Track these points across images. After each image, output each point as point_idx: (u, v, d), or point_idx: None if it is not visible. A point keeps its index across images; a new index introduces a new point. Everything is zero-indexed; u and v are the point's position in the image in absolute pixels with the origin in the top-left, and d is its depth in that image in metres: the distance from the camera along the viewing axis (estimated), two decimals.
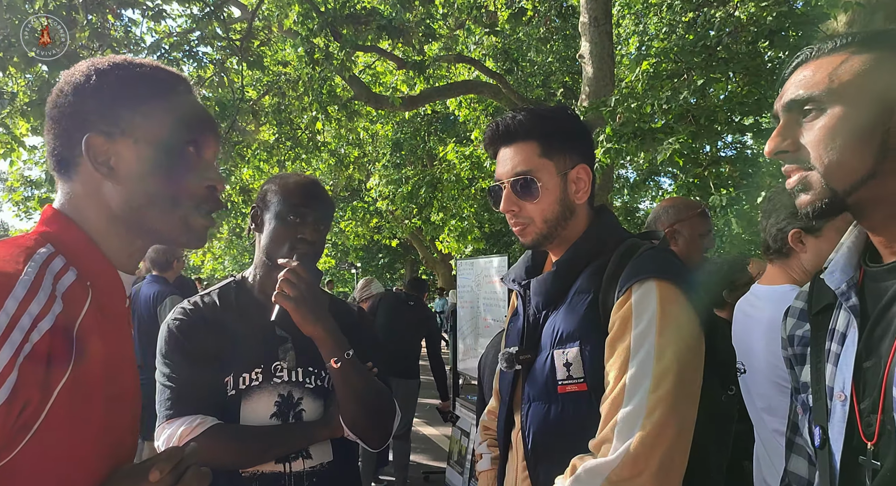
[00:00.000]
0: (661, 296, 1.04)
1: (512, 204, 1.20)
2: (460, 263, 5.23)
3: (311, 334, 1.31)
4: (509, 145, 1.22)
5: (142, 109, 0.83)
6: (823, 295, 0.90)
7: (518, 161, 1.19)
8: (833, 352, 0.85)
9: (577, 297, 1.15)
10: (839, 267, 0.86)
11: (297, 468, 1.34)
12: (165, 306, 3.69)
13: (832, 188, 0.78)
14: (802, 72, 0.82)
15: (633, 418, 0.97)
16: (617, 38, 9.24)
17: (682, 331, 1.03)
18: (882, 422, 0.74)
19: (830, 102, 0.77)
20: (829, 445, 0.81)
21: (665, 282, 1.05)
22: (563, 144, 1.20)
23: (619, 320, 1.05)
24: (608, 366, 1.05)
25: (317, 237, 1.41)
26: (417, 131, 12.92)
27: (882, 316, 0.78)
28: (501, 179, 1.22)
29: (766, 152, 0.84)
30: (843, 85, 0.77)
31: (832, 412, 0.82)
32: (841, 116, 0.77)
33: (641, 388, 0.98)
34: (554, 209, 1.19)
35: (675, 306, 1.04)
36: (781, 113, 0.84)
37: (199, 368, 1.32)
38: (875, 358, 0.77)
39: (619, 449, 0.96)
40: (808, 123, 0.80)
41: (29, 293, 0.68)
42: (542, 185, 1.17)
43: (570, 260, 1.19)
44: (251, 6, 8.18)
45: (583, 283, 1.16)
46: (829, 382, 0.84)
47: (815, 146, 0.78)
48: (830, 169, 0.77)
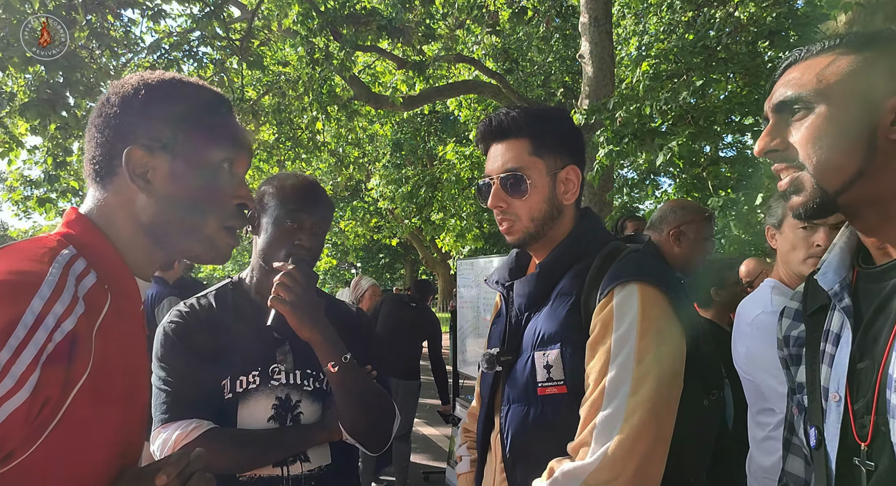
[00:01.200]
0: (643, 299, 1.03)
1: (500, 200, 1.19)
2: (460, 263, 5.23)
3: (308, 338, 1.30)
4: (501, 142, 1.21)
5: (184, 127, 0.85)
6: (818, 296, 0.90)
7: (509, 158, 1.18)
8: (828, 353, 0.85)
9: (559, 299, 1.15)
10: (832, 268, 0.86)
11: (294, 471, 1.32)
12: (163, 307, 3.66)
13: (823, 188, 0.78)
14: (791, 73, 0.83)
15: (611, 421, 0.97)
16: (617, 37, 9.24)
17: (663, 335, 1.02)
18: (875, 424, 0.74)
19: (818, 102, 0.78)
20: (824, 445, 0.81)
21: (647, 285, 1.05)
22: (555, 144, 1.20)
23: (601, 322, 1.05)
24: (588, 369, 1.05)
25: (314, 243, 1.39)
26: (417, 131, 12.93)
27: (875, 318, 0.78)
28: (491, 174, 1.21)
29: (756, 152, 0.85)
30: (830, 85, 0.78)
31: (827, 413, 0.82)
32: (828, 115, 0.77)
33: (621, 392, 0.98)
34: (541, 208, 1.18)
35: (656, 309, 1.03)
36: (771, 114, 0.84)
37: (195, 371, 1.31)
38: (869, 360, 0.77)
39: (597, 452, 0.96)
40: (796, 122, 0.80)
41: (54, 294, 0.69)
42: (532, 182, 1.17)
43: (554, 262, 1.19)
44: (251, 6, 8.18)
45: (565, 285, 1.16)
46: (825, 383, 0.83)
47: (803, 145, 0.79)
48: (819, 168, 0.78)
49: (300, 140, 10.39)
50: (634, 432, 0.96)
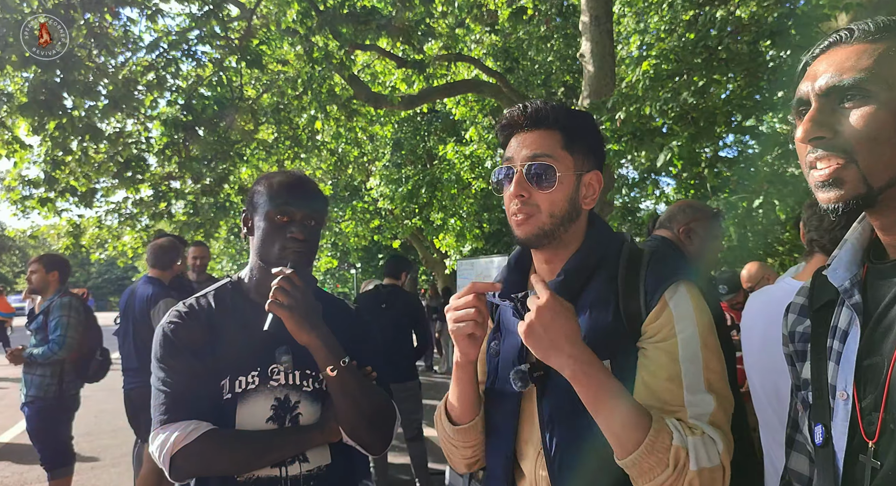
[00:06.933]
0: (692, 297, 1.07)
1: (523, 188, 1.11)
2: (460, 262, 5.22)
3: (306, 343, 1.28)
4: (533, 130, 1.14)
5: None
6: (825, 291, 0.89)
7: (539, 145, 1.12)
8: (835, 350, 0.83)
9: (595, 307, 1.10)
10: (843, 264, 0.84)
11: (293, 472, 1.32)
12: (159, 308, 3.63)
13: (869, 183, 0.73)
14: (839, 54, 0.77)
15: (701, 403, 1.00)
16: (617, 36, 9.22)
17: (712, 327, 1.07)
18: (884, 421, 0.72)
19: (878, 91, 0.72)
20: (831, 443, 0.79)
21: (689, 282, 1.09)
22: (585, 145, 1.15)
23: (662, 327, 1.05)
24: (654, 370, 1.04)
25: (308, 235, 1.36)
26: (417, 131, 12.91)
27: (885, 314, 0.76)
28: (514, 162, 1.13)
29: (799, 138, 0.78)
30: (891, 73, 0.72)
31: (835, 411, 0.80)
32: (889, 105, 0.72)
33: (699, 382, 1.01)
34: (563, 206, 1.12)
35: (702, 302, 1.07)
36: (815, 97, 0.78)
37: (194, 372, 1.30)
38: (877, 356, 0.75)
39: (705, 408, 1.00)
40: (849, 110, 0.74)
41: None
42: (560, 176, 1.10)
43: (580, 267, 1.13)
44: (250, 5, 8.15)
45: (599, 291, 1.11)
46: (832, 380, 0.82)
47: (858, 134, 0.73)
48: (873, 161, 0.73)
49: (299, 139, 10.36)
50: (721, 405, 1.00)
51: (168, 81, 7.60)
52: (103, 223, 10.36)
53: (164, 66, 7.35)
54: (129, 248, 10.62)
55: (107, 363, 4.05)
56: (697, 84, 4.85)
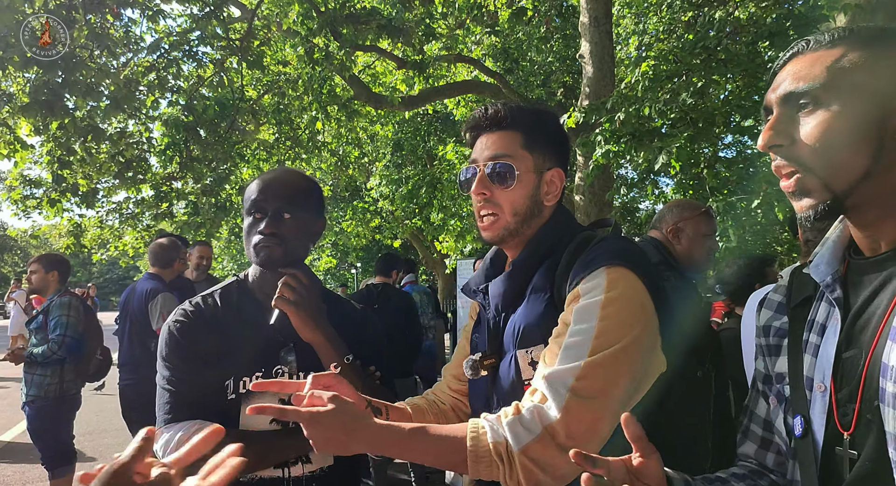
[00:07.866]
0: (609, 278, 1.02)
1: (484, 187, 1.18)
2: (460, 262, 5.23)
3: (310, 339, 1.30)
4: (495, 131, 1.20)
5: None
6: (803, 288, 0.90)
7: (499, 146, 1.18)
8: (812, 343, 0.84)
9: (533, 295, 1.14)
10: (824, 260, 0.86)
11: (296, 472, 1.32)
12: (157, 302, 3.63)
13: (831, 190, 0.76)
14: (798, 63, 0.79)
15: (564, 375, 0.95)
16: (617, 38, 9.23)
17: (630, 305, 1.01)
18: (860, 412, 0.73)
19: (828, 97, 0.75)
20: (812, 434, 0.80)
21: (613, 266, 1.04)
22: (545, 144, 1.20)
23: (567, 306, 1.05)
24: (550, 340, 1.03)
25: (278, 228, 1.33)
26: (417, 131, 12.91)
27: (864, 308, 0.77)
28: (477, 162, 1.20)
29: (759, 146, 0.81)
30: (841, 80, 0.74)
31: (812, 403, 0.81)
32: (839, 111, 0.74)
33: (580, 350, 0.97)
34: (524, 203, 1.18)
35: (622, 282, 1.02)
36: (776, 105, 0.81)
37: (198, 371, 1.31)
38: (855, 349, 0.76)
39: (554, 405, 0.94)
40: (803, 117, 0.77)
41: None
42: (519, 175, 1.16)
43: (525, 260, 1.18)
44: (251, 6, 8.17)
45: (538, 281, 1.15)
46: (808, 372, 0.83)
47: (811, 142, 0.75)
48: (828, 167, 0.75)
49: (300, 140, 10.38)
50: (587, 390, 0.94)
51: (169, 81, 7.62)
52: (105, 223, 10.38)
53: (165, 67, 7.36)
54: (131, 248, 10.63)
55: (107, 363, 4.06)
56: (696, 85, 4.85)
